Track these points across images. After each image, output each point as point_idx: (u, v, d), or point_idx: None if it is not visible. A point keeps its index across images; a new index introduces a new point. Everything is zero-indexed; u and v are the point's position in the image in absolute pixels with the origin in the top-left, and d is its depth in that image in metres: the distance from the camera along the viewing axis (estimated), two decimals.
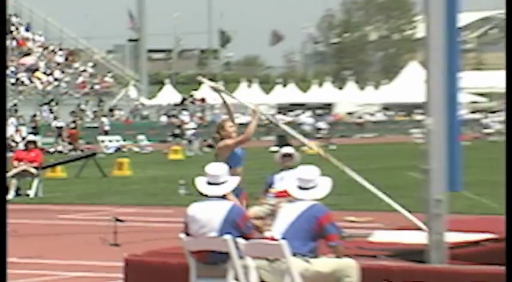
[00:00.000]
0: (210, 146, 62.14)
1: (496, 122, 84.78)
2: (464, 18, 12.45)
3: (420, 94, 11.68)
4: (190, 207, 11.17)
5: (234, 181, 11.21)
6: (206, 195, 11.10)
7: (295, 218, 10.39)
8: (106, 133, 64.37)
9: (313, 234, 10.31)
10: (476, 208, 15.45)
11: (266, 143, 58.22)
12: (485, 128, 79.80)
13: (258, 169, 27.82)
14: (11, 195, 27.49)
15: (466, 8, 11.38)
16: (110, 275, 13.84)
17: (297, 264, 10.19)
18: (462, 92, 12.74)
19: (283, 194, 14.36)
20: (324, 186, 10.58)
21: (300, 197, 10.54)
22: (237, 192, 12.75)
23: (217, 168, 11.17)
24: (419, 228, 11.89)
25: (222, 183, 11.10)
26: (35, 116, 64.90)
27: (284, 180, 15.77)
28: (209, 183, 11.13)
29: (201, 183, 11.15)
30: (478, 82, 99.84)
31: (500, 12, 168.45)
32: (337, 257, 10.41)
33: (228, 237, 10.66)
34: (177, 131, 66.16)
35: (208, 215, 10.96)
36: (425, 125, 11.47)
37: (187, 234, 11.03)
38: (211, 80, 20.05)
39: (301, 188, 10.55)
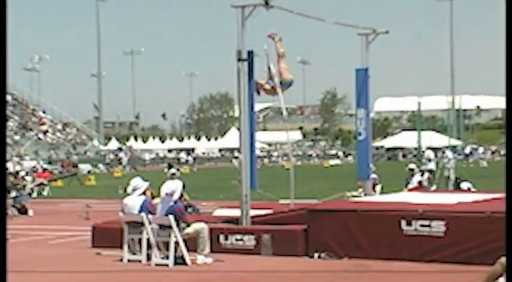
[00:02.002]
0: (135, 169, 61.22)
1: (275, 156, 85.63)
2: (257, 107, 12.51)
3: (237, 142, 11.67)
4: (124, 199, 10.96)
5: (144, 186, 10.96)
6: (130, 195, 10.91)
7: (166, 210, 10.14)
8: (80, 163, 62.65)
9: (177, 217, 10.08)
10: (264, 198, 15.46)
11: (162, 167, 57.38)
12: (270, 158, 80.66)
13: (158, 180, 27.44)
14: (35, 195, 26.79)
15: (258, 101, 11.51)
16: (85, 233, 13.39)
17: (176, 229, 10.03)
18: (256, 142, 12.79)
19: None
20: (176, 192, 10.19)
21: (167, 200, 10.18)
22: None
23: (136, 181, 11.00)
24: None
25: (138, 188, 10.87)
26: (50, 156, 63.17)
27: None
28: (133, 189, 10.95)
29: (128, 188, 10.98)
30: (263, 138, 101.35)
31: (274, 104, 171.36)
32: (189, 225, 10.22)
33: (143, 214, 10.45)
34: (117, 162, 65.15)
35: (133, 203, 10.76)
36: (239, 158, 11.48)
37: (123, 213, 10.78)
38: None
39: (166, 194, 10.23)
